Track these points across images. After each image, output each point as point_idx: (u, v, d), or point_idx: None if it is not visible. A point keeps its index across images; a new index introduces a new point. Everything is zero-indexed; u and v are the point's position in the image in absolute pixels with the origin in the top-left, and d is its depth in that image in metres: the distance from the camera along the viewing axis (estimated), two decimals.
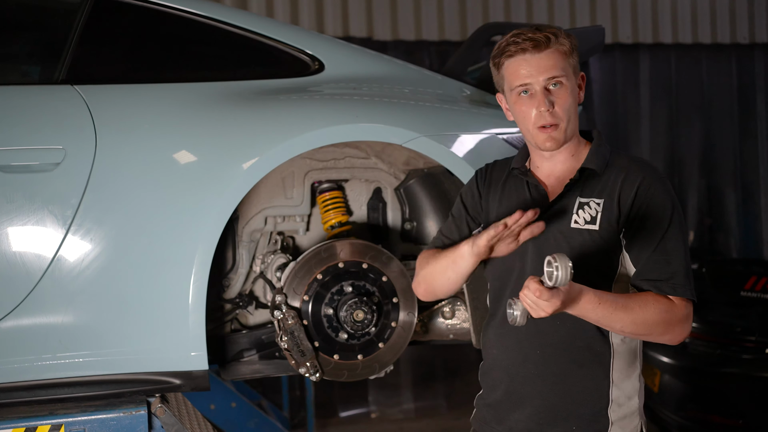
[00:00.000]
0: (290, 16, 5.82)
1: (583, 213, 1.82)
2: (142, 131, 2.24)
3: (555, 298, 1.59)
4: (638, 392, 1.87)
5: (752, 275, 4.40)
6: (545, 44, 1.79)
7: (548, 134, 1.82)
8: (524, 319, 1.67)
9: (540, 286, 1.58)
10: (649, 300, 1.73)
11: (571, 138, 1.86)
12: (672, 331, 1.75)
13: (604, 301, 1.67)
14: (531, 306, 1.61)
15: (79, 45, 2.31)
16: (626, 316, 1.70)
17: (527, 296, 1.60)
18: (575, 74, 1.85)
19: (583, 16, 6.50)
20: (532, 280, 1.59)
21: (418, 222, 2.62)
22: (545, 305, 1.59)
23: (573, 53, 1.83)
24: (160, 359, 2.21)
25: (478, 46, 2.95)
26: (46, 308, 2.16)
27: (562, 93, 1.80)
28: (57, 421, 2.09)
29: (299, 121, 2.33)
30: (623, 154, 1.90)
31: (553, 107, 1.79)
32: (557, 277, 1.56)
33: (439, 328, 2.71)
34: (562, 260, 1.55)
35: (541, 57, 1.79)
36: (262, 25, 2.53)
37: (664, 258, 1.76)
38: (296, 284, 2.44)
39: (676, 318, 1.74)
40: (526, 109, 1.82)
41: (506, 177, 1.98)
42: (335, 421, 5.72)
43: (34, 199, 2.14)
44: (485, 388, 2.00)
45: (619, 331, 1.75)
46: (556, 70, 1.79)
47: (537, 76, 1.79)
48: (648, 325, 1.72)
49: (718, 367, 4.09)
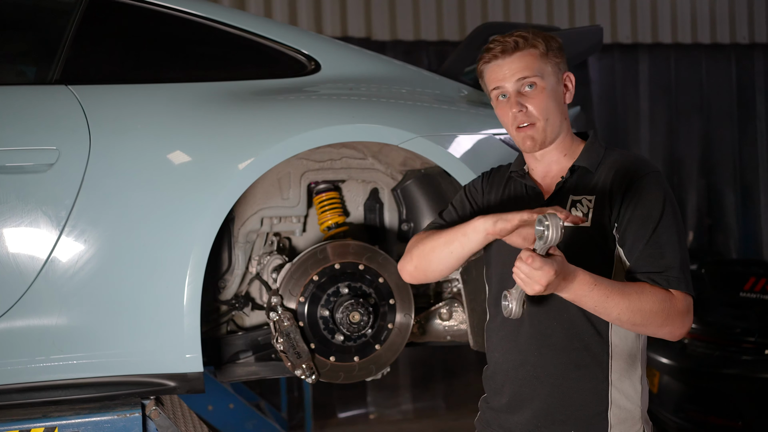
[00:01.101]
0: (288, 17, 5.81)
1: (576, 211, 1.83)
2: (136, 132, 2.23)
3: (548, 266, 1.57)
4: (640, 395, 1.85)
5: (751, 276, 4.39)
6: (513, 48, 1.85)
7: (525, 133, 1.86)
8: (520, 309, 1.65)
9: (532, 253, 1.57)
10: (646, 288, 1.71)
11: (556, 137, 1.89)
12: (671, 324, 1.73)
13: (599, 284, 1.66)
14: (524, 281, 1.59)
15: (74, 45, 2.30)
16: (622, 302, 1.67)
17: (520, 268, 1.59)
18: (555, 74, 1.88)
19: (582, 16, 6.49)
20: (524, 250, 1.59)
21: (415, 223, 2.61)
22: (538, 275, 1.57)
23: (550, 54, 1.87)
24: (154, 361, 2.20)
25: (476, 46, 2.93)
26: (39, 310, 2.14)
27: (535, 93, 1.85)
28: (51, 424, 2.08)
29: (295, 122, 2.32)
30: (617, 151, 1.90)
31: (526, 108, 1.84)
32: (548, 236, 1.54)
33: (436, 330, 2.71)
34: (552, 219, 1.54)
35: (513, 60, 1.86)
36: (258, 25, 2.52)
37: (657, 251, 1.75)
38: (292, 285, 2.43)
39: (675, 310, 1.72)
40: (503, 112, 1.90)
41: (506, 180, 2.01)
42: (333, 422, 5.71)
43: (28, 200, 2.13)
44: (488, 391, 2.00)
45: (616, 320, 1.72)
46: (526, 71, 1.84)
47: (509, 79, 1.86)
48: (645, 314, 1.70)
49: (718, 368, 4.08)
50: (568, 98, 1.91)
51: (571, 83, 1.92)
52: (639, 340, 1.85)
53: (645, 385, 1.88)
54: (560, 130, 1.89)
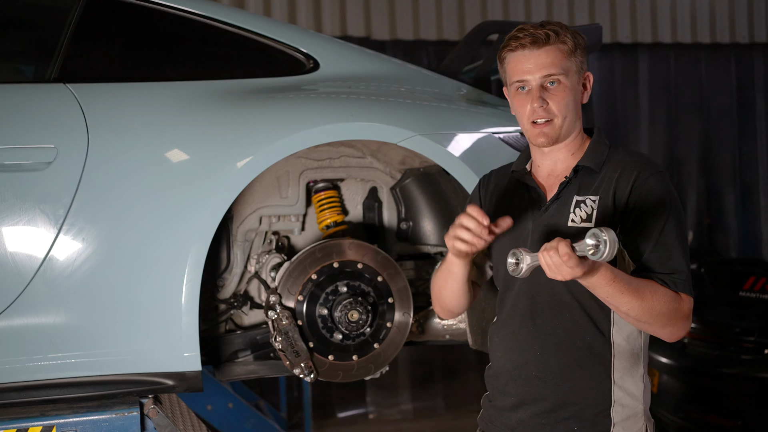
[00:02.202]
0: (288, 16, 5.81)
1: (580, 211, 1.81)
2: (134, 130, 2.22)
3: (580, 267, 1.56)
4: (643, 393, 1.85)
5: (751, 275, 4.39)
6: (544, 41, 1.79)
7: (540, 129, 1.83)
8: (528, 274, 1.64)
9: (571, 252, 1.55)
10: (659, 290, 1.70)
11: (568, 136, 1.86)
12: (673, 326, 1.73)
13: (618, 279, 1.65)
14: (550, 266, 1.58)
15: (72, 43, 2.30)
16: (634, 300, 1.67)
17: (551, 257, 1.57)
18: (578, 73, 1.84)
19: (582, 16, 6.49)
20: (563, 243, 1.55)
21: (414, 221, 2.60)
22: (567, 272, 1.56)
23: (576, 52, 1.83)
24: (152, 360, 2.19)
25: (475, 45, 2.93)
26: (37, 308, 2.14)
27: (558, 91, 1.81)
28: (49, 423, 2.07)
29: (294, 120, 2.32)
30: (621, 149, 1.88)
31: (547, 104, 1.80)
32: (603, 252, 1.49)
33: (435, 329, 2.70)
34: (609, 235, 1.49)
35: (540, 54, 1.80)
36: (256, 24, 2.52)
37: (665, 254, 1.74)
38: (291, 284, 2.43)
39: (681, 313, 1.72)
40: (521, 103, 1.85)
41: (507, 181, 1.98)
42: (333, 421, 5.71)
43: (26, 198, 2.13)
44: (490, 389, 2.00)
45: (624, 314, 1.71)
46: (553, 68, 1.79)
47: (534, 73, 1.80)
48: (653, 314, 1.69)
49: (717, 368, 4.08)
50: (585, 98, 1.88)
51: (590, 83, 1.89)
52: (641, 338, 1.85)
53: (647, 383, 1.87)
54: (573, 128, 1.86)
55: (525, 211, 1.89)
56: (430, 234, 2.59)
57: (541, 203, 1.88)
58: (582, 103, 1.88)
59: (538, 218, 1.86)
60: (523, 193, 1.93)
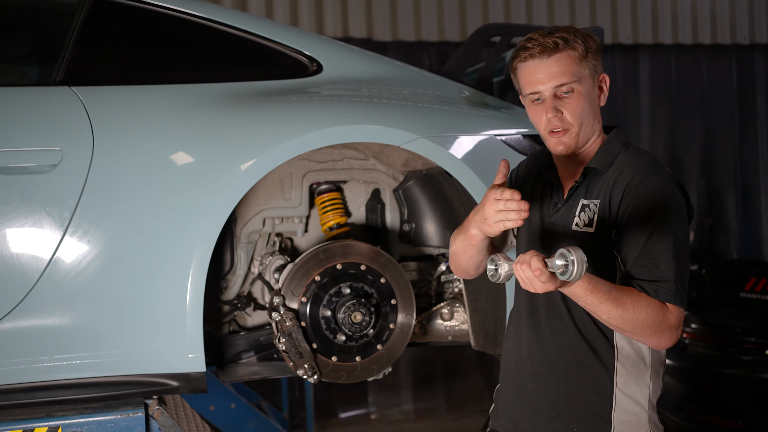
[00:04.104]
0: (290, 18, 5.81)
1: (584, 215, 1.80)
2: (139, 133, 2.24)
3: (552, 282, 1.55)
4: (648, 399, 1.81)
5: (752, 276, 4.39)
6: (554, 49, 1.77)
7: (558, 139, 1.80)
8: (507, 280, 1.63)
9: (543, 267, 1.53)
10: (642, 299, 1.67)
11: (587, 141, 1.83)
12: (659, 336, 1.70)
13: (597, 289, 1.62)
14: (523, 279, 1.58)
15: (77, 46, 2.31)
16: (614, 310, 1.64)
17: (524, 271, 1.56)
18: (592, 77, 1.82)
19: (583, 17, 6.49)
20: (536, 258, 1.54)
21: (416, 223, 2.61)
22: (540, 286, 1.56)
23: (588, 56, 1.81)
24: (157, 361, 2.20)
25: (477, 47, 2.94)
26: (43, 310, 2.15)
27: (572, 99, 1.78)
28: (54, 423, 2.08)
29: (297, 123, 2.33)
30: (631, 150, 1.84)
31: (561, 113, 1.78)
32: (571, 272, 1.49)
33: (438, 330, 2.71)
34: (577, 255, 1.48)
35: (551, 62, 1.77)
36: (260, 26, 2.53)
37: (651, 261, 1.70)
38: (294, 286, 2.44)
39: (666, 324, 1.68)
40: (536, 114, 1.82)
41: (537, 174, 1.96)
42: (335, 422, 5.71)
43: (32, 201, 2.14)
44: (500, 382, 2.00)
45: (605, 322, 1.69)
46: (565, 76, 1.77)
47: (546, 83, 1.78)
48: (635, 324, 1.66)
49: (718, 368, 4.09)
50: (602, 100, 1.85)
51: (606, 85, 1.86)
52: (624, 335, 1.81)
53: (656, 389, 1.83)
54: (592, 132, 1.83)
55: (542, 206, 1.88)
56: (432, 235, 2.60)
57: (557, 201, 1.86)
58: (600, 105, 1.85)
59: (549, 217, 1.86)
60: (547, 187, 1.91)
